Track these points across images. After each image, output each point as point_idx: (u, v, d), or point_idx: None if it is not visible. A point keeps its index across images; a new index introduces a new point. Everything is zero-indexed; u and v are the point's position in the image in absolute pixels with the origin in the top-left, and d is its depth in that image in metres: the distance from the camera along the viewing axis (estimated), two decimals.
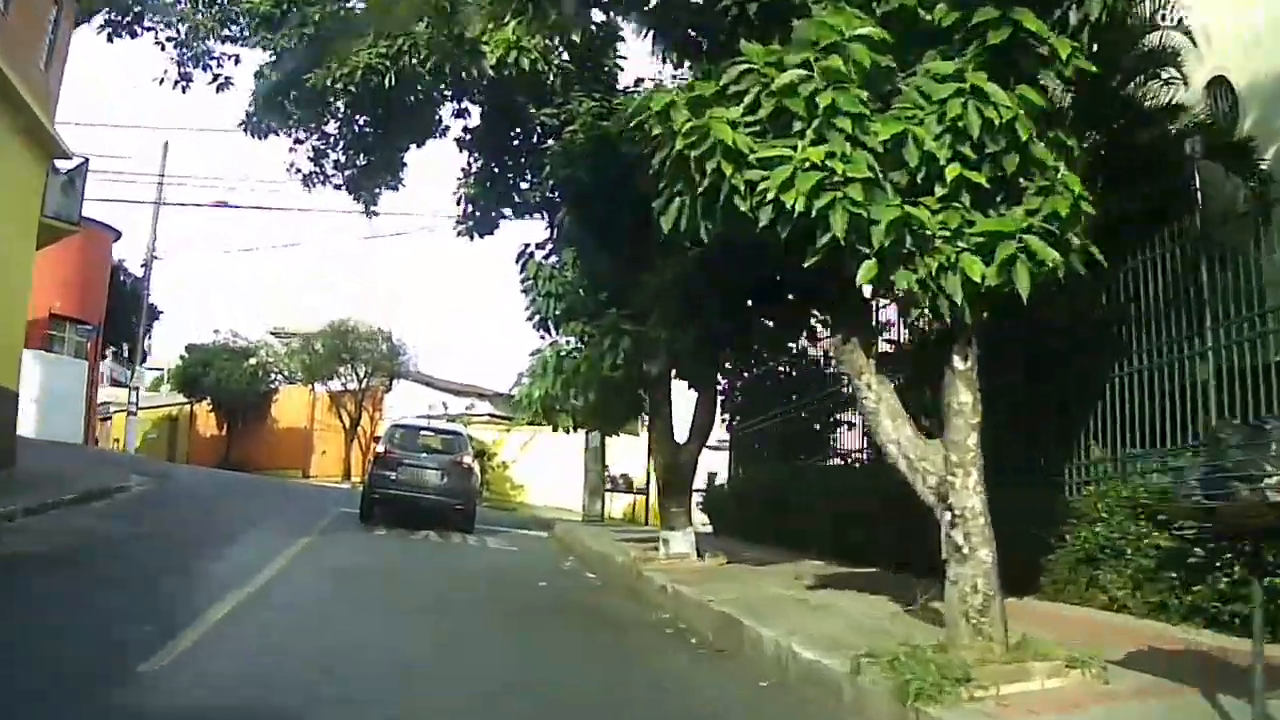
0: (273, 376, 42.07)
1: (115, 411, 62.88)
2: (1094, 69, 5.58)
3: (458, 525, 15.89)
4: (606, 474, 26.81)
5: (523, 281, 12.76)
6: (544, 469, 30.11)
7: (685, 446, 12.05)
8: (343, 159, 14.85)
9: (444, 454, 16.66)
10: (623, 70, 13.20)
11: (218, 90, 14.49)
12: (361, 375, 38.67)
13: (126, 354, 36.23)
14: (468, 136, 13.94)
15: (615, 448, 28.52)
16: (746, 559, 11.53)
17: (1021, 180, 5.49)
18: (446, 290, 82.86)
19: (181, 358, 42.55)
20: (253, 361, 41.16)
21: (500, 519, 21.56)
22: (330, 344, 38.26)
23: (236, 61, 14.52)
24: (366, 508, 16.08)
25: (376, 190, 15.34)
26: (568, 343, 12.06)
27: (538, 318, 12.63)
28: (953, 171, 5.26)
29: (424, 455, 16.39)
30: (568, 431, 12.41)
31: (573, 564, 13.44)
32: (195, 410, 46.23)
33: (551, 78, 12.29)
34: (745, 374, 14.58)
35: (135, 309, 32.49)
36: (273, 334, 41.12)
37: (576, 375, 11.14)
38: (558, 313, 12.45)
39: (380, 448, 17.02)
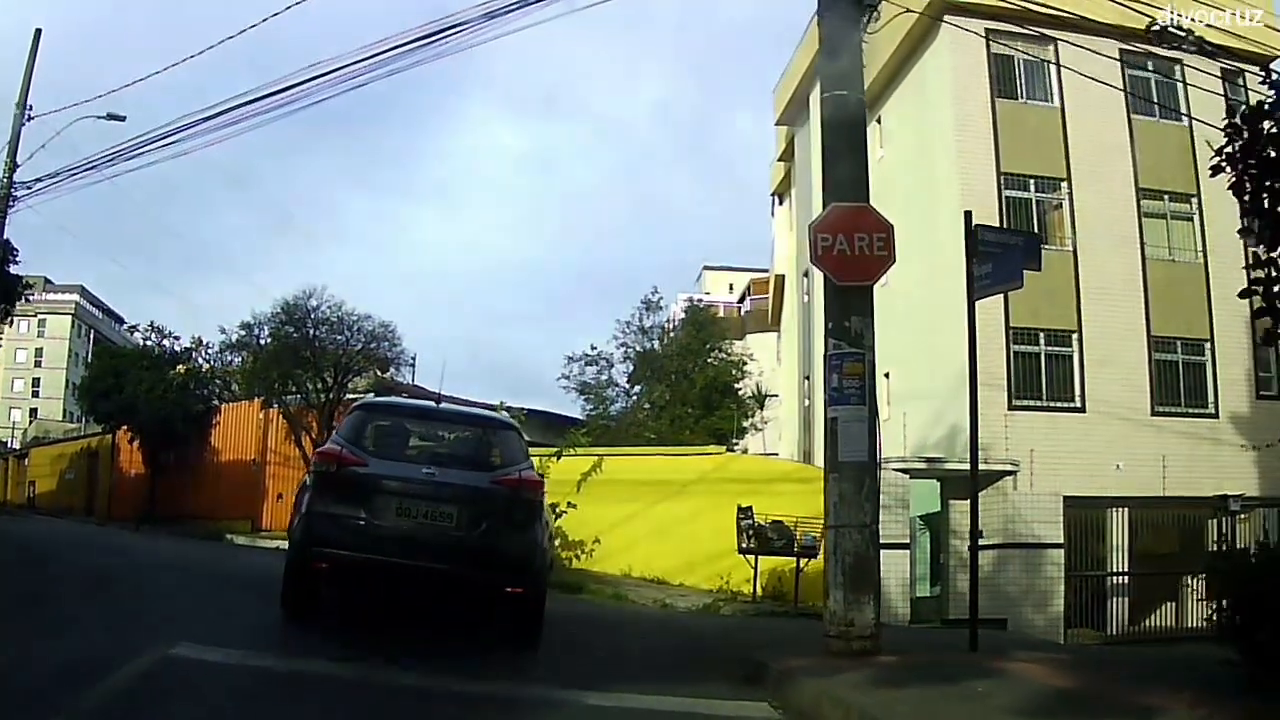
0: (210, 390, 30.07)
1: (37, 445, 51.25)
2: None
3: (510, 634, 7.79)
4: (745, 521, 15.32)
5: None
6: (607, 514, 18.22)
7: None
8: None
9: (471, 466, 7.86)
10: None
11: None
12: (329, 382, 25.91)
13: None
14: None
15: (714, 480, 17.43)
16: None
17: None
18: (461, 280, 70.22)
19: (87, 365, 30.84)
20: (180, 370, 29.47)
21: (582, 626, 10.26)
22: (282, 334, 25.94)
23: None
24: (295, 588, 7.70)
25: None
26: None
27: None
28: None
29: (427, 470, 7.54)
30: None
31: None
32: (117, 440, 34.59)
33: None
34: None
35: None
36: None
37: None
38: None
39: (332, 449, 7.68)
